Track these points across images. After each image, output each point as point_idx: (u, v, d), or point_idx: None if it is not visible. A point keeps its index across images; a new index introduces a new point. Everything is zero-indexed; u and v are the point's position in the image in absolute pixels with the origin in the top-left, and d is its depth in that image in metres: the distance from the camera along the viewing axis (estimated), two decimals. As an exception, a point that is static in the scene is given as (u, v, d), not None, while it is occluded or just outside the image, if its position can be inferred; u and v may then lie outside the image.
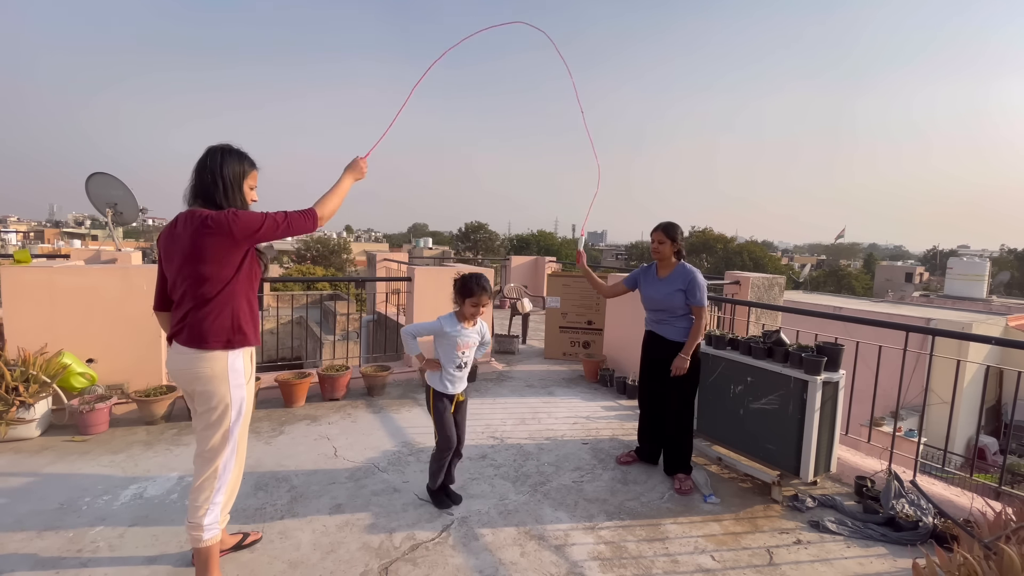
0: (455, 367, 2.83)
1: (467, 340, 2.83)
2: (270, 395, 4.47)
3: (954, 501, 2.97)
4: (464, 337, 2.82)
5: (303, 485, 3.08)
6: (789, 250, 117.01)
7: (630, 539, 2.69)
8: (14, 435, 3.46)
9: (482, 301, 2.81)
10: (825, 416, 3.07)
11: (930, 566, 1.93)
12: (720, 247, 40.72)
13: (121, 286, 4.08)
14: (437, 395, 2.85)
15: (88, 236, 58.64)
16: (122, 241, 11.63)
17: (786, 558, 2.58)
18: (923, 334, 3.62)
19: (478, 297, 2.79)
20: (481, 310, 2.84)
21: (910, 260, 78.45)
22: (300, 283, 15.11)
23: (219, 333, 2.01)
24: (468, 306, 2.80)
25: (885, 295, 28.75)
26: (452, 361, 2.82)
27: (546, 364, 6.23)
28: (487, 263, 17.12)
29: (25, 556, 2.33)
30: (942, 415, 3.93)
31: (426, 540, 2.58)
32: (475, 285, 2.79)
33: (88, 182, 6.58)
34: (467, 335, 2.83)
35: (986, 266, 21.42)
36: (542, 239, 44.80)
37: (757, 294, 5.91)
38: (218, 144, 2.11)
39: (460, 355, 2.82)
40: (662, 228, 3.35)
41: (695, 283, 3.27)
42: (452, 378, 2.84)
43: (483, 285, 2.80)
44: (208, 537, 2.08)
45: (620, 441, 3.95)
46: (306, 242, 36.28)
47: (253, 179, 2.14)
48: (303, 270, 22.36)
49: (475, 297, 2.78)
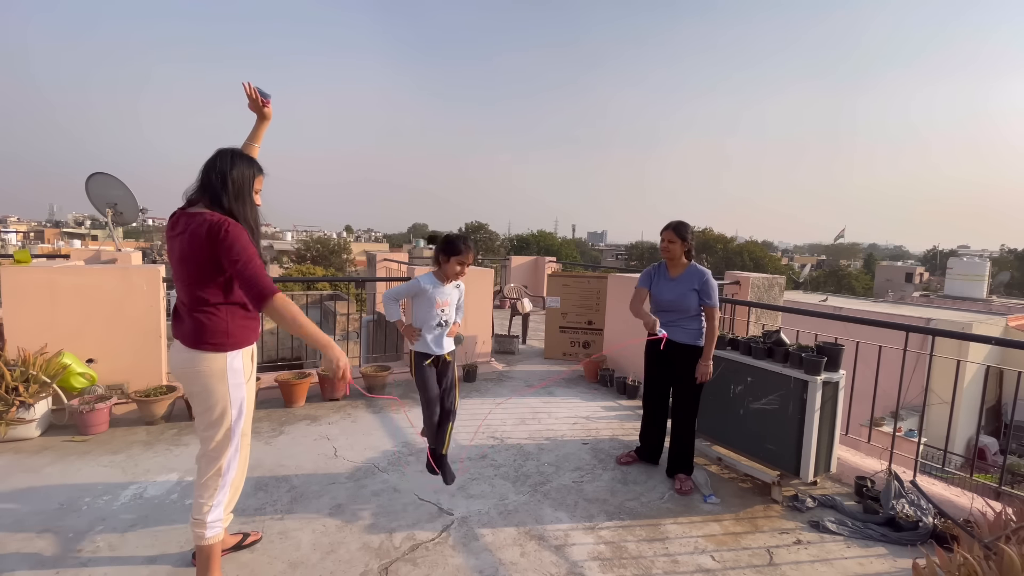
0: (436, 324, 2.83)
1: (446, 297, 2.85)
2: (270, 395, 4.47)
3: (954, 501, 2.97)
4: (443, 294, 2.83)
5: (303, 485, 3.08)
6: (789, 250, 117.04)
7: (630, 539, 2.69)
8: (14, 435, 3.46)
9: (467, 259, 2.83)
10: (825, 416, 3.07)
11: (930, 566, 1.93)
12: (720, 247, 40.72)
13: (121, 286, 4.08)
14: (419, 357, 2.85)
15: (88, 236, 58.63)
16: (122, 241, 11.63)
17: (786, 558, 2.58)
18: (923, 334, 3.63)
19: (464, 255, 2.81)
20: (464, 270, 2.86)
21: (910, 260, 78.46)
22: (300, 283, 15.10)
23: (216, 334, 2.01)
24: (453, 263, 2.81)
25: (885, 295, 28.74)
26: (432, 319, 2.82)
27: (546, 364, 6.23)
28: (487, 263, 17.11)
29: (25, 556, 2.33)
30: (942, 415, 3.93)
31: (426, 540, 2.58)
32: (461, 243, 2.81)
33: (88, 182, 6.58)
34: (446, 292, 2.85)
35: (986, 266, 21.43)
36: (542, 239, 44.77)
37: (757, 294, 5.91)
38: (228, 147, 2.13)
39: (440, 312, 2.83)
40: (672, 227, 3.29)
41: (709, 284, 3.22)
42: (435, 337, 2.85)
43: (469, 244, 2.83)
44: (211, 535, 2.09)
45: (620, 441, 3.95)
46: (306, 242, 36.28)
47: (259, 183, 2.15)
48: (303, 270, 22.36)
49: (462, 255, 2.80)
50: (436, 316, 2.83)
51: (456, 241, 2.82)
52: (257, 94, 2.38)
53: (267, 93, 2.39)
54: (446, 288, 2.87)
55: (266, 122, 2.44)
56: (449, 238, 2.85)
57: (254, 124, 2.42)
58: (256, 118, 2.43)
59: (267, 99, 2.40)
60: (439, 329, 2.86)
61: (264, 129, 2.44)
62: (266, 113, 2.42)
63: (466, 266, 2.85)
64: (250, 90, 2.36)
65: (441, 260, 2.85)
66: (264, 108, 2.41)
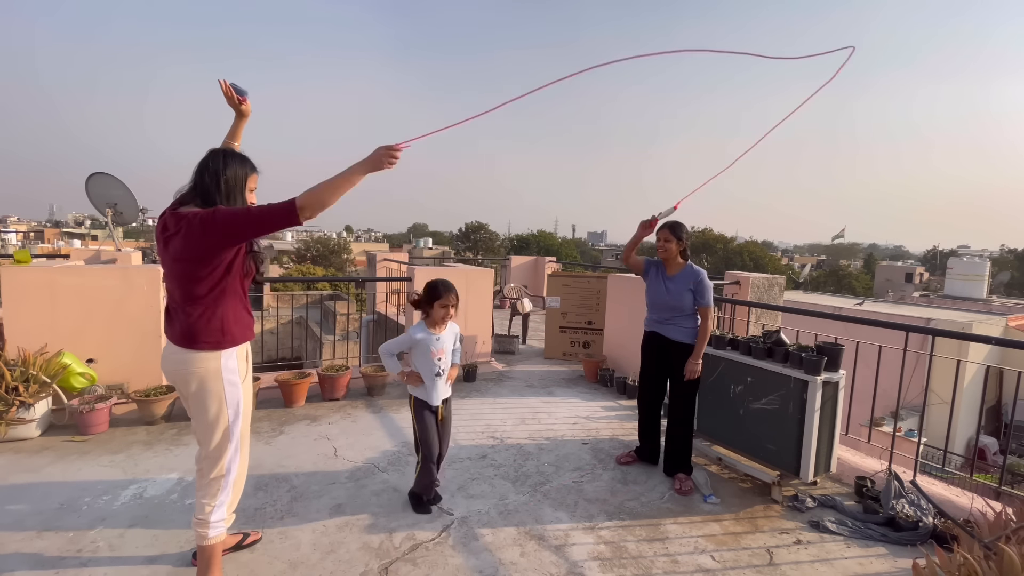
0: (435, 374, 2.79)
1: (441, 346, 2.80)
2: (270, 395, 4.47)
3: (954, 501, 2.97)
4: (437, 344, 2.79)
5: (303, 485, 3.08)
6: (789, 250, 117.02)
7: (630, 539, 2.69)
8: (14, 435, 3.46)
9: (450, 301, 2.77)
10: (825, 416, 3.07)
11: (930, 566, 1.93)
12: (720, 247, 40.73)
13: (121, 286, 4.08)
14: (419, 403, 2.82)
15: (88, 236, 58.63)
16: (122, 241, 11.64)
17: (786, 558, 2.58)
18: (923, 334, 3.62)
19: (445, 298, 2.76)
20: (451, 311, 2.80)
21: (910, 260, 78.44)
22: (300, 283, 15.11)
23: (210, 332, 2.00)
24: (437, 308, 2.77)
25: (885, 295, 28.74)
26: (431, 369, 2.79)
27: (546, 364, 6.23)
28: (487, 263, 17.12)
29: (25, 556, 2.33)
30: (942, 415, 3.93)
31: (426, 540, 2.58)
32: (441, 287, 2.77)
33: (88, 182, 6.57)
34: (440, 341, 2.80)
35: (986, 266, 21.44)
36: (542, 239, 44.78)
37: (757, 294, 5.91)
38: (220, 147, 2.12)
39: (436, 362, 2.79)
40: (669, 227, 3.34)
41: (704, 284, 3.28)
42: (436, 386, 2.81)
43: (447, 286, 2.78)
44: (214, 535, 2.09)
45: (620, 441, 3.95)
46: (306, 242, 36.27)
47: (253, 182, 2.13)
48: (303, 270, 22.36)
49: (442, 298, 2.76)
50: (435, 366, 2.79)
51: (436, 286, 2.78)
52: (233, 91, 2.36)
53: (243, 90, 2.38)
54: (439, 336, 2.81)
55: (244, 119, 2.43)
56: (428, 285, 2.80)
57: (233, 122, 2.41)
58: (234, 116, 2.41)
59: (244, 96, 2.38)
60: (438, 379, 2.81)
61: (243, 126, 2.43)
62: (243, 110, 2.40)
63: (452, 307, 2.79)
64: (226, 87, 2.35)
65: (424, 310, 2.81)
66: (241, 105, 2.39)
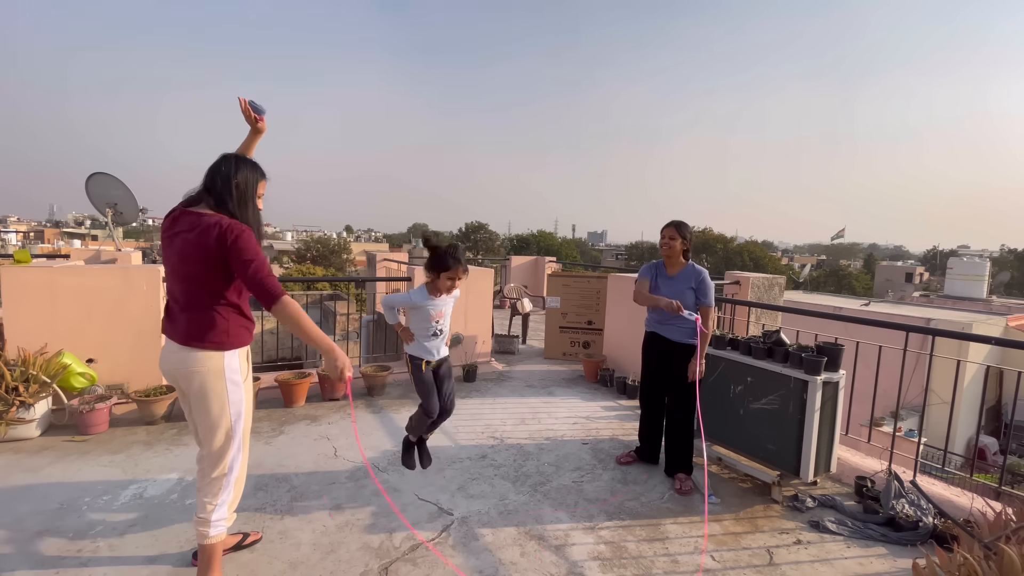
0: (431, 335, 2.80)
1: (439, 309, 2.78)
2: (270, 395, 4.47)
3: (954, 501, 2.97)
4: (436, 307, 2.76)
5: (303, 485, 3.08)
6: (789, 250, 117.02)
7: (630, 539, 2.69)
8: (14, 435, 3.45)
9: (458, 275, 2.69)
10: (825, 416, 3.07)
11: (930, 566, 1.93)
12: (720, 247, 40.71)
13: (121, 286, 4.08)
14: (415, 360, 2.83)
15: (88, 236, 58.61)
16: (122, 241, 11.64)
17: (786, 558, 2.58)
18: (923, 334, 3.62)
19: (454, 270, 2.68)
20: (456, 284, 2.74)
21: (910, 260, 78.44)
22: (300, 283, 15.11)
23: (217, 332, 2.01)
24: (444, 279, 2.69)
25: (885, 295, 28.74)
26: (427, 330, 2.79)
27: (546, 364, 6.23)
28: (487, 263, 17.11)
29: (25, 556, 2.33)
30: (942, 415, 3.93)
31: (426, 540, 2.58)
32: (451, 258, 2.66)
33: (88, 182, 6.58)
34: (439, 304, 2.78)
35: (986, 266, 21.44)
36: (542, 239, 44.79)
37: (757, 294, 5.91)
38: (232, 152, 2.15)
39: (435, 324, 2.78)
40: (674, 225, 3.34)
41: (706, 283, 3.28)
42: (432, 345, 2.82)
43: (458, 257, 2.68)
44: (215, 534, 2.09)
45: (620, 441, 3.95)
46: (306, 242, 36.28)
47: (262, 188, 2.17)
48: (303, 270, 22.36)
49: (451, 270, 2.68)
50: (432, 328, 2.79)
51: (445, 257, 2.66)
52: (251, 109, 2.39)
53: (261, 108, 2.41)
54: (439, 300, 2.77)
55: (259, 136, 2.45)
56: (438, 252, 2.69)
57: (247, 136, 2.44)
58: (249, 131, 2.44)
59: (261, 114, 2.41)
60: (435, 338, 2.82)
61: (256, 142, 2.45)
62: (260, 128, 2.43)
63: (458, 280, 2.71)
64: (244, 105, 2.38)
65: (430, 276, 2.73)
66: (258, 123, 2.41)
